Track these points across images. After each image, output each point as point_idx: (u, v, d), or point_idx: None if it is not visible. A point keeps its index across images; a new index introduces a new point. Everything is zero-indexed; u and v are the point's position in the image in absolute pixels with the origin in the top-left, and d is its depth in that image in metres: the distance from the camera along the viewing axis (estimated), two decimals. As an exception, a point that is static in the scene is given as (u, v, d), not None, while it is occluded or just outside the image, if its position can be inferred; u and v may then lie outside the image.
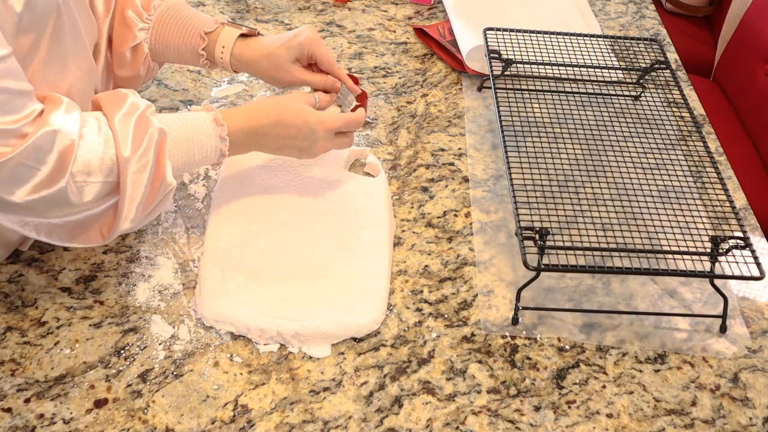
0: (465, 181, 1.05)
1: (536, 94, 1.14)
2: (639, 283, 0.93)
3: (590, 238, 0.87)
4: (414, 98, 1.20)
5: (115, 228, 0.74)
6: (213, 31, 0.93)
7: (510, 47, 1.16)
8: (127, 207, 0.73)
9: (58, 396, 0.75)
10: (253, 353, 0.81)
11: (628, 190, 0.96)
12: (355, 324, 0.83)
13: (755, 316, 0.91)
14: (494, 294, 0.90)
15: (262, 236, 0.91)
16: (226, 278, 0.85)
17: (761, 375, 0.85)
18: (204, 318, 0.83)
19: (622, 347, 0.86)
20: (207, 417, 0.75)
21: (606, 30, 1.43)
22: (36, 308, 0.83)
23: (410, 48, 1.32)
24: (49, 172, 0.68)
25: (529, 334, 0.86)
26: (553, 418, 0.78)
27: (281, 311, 0.83)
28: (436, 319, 0.87)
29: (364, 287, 0.87)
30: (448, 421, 0.77)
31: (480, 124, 1.16)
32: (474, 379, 0.81)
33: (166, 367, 0.79)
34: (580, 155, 1.01)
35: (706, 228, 0.91)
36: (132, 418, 0.74)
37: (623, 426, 0.78)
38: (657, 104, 1.14)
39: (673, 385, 0.83)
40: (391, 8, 1.42)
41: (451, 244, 0.96)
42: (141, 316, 0.83)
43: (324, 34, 1.33)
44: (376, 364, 0.81)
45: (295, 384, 0.79)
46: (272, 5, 1.40)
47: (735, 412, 0.81)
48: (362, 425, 0.76)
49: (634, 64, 1.25)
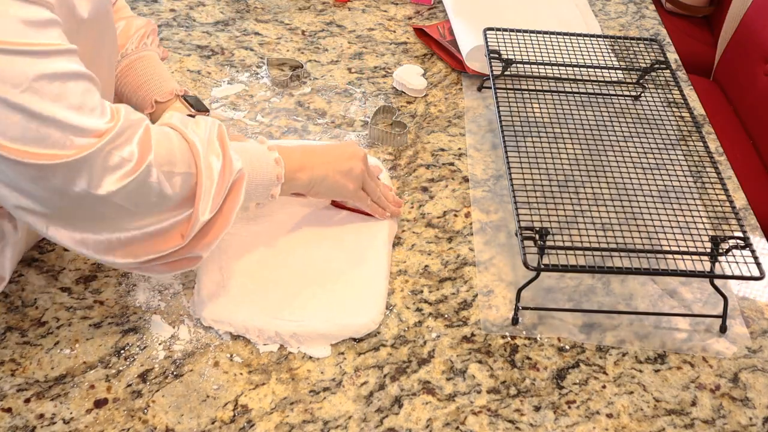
0: (465, 181, 1.05)
1: (536, 94, 1.14)
2: (639, 283, 0.93)
3: (590, 238, 0.87)
4: (414, 98, 1.20)
5: (195, 222, 0.71)
6: (164, 102, 0.94)
7: (510, 47, 1.16)
8: (204, 193, 0.71)
9: (58, 396, 0.75)
10: (253, 353, 0.81)
11: (628, 190, 0.96)
12: (353, 324, 0.83)
13: (755, 316, 0.91)
14: (494, 294, 0.90)
15: (261, 237, 0.91)
16: (224, 278, 0.85)
17: (761, 375, 0.85)
18: (202, 318, 0.83)
19: (622, 347, 0.86)
20: (207, 417, 0.75)
21: (606, 30, 1.43)
22: (36, 308, 0.83)
23: (410, 48, 1.32)
24: (136, 160, 0.66)
25: (529, 334, 0.86)
26: (553, 418, 0.78)
27: (279, 311, 0.83)
28: (436, 319, 0.87)
29: (363, 287, 0.87)
30: (448, 421, 0.77)
31: (480, 124, 1.16)
32: (474, 379, 0.81)
33: (166, 367, 0.79)
34: (580, 155, 1.01)
35: (706, 228, 0.91)
36: (132, 418, 0.74)
37: (623, 426, 0.78)
38: (657, 104, 1.14)
39: (673, 385, 0.83)
40: (391, 8, 1.42)
41: (451, 244, 0.96)
42: (141, 316, 0.83)
43: (324, 34, 1.33)
44: (376, 364, 0.81)
45: (295, 384, 0.79)
46: (272, 5, 1.40)
47: (735, 412, 0.81)
48: (362, 425, 0.76)
49: (634, 64, 1.25)
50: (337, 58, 1.27)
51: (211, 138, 0.74)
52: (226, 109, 1.14)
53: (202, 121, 0.76)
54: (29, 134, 0.60)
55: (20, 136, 0.60)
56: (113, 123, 0.65)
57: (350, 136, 1.10)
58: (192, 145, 0.72)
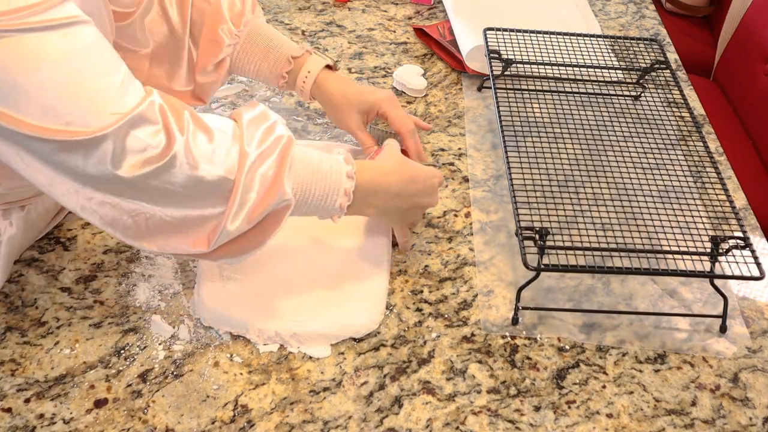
0: (465, 181, 1.05)
1: (536, 94, 1.14)
2: (639, 283, 0.93)
3: (590, 238, 0.87)
4: (414, 98, 1.20)
5: (222, 229, 0.69)
6: (300, 57, 0.95)
7: (510, 47, 1.16)
8: (238, 204, 0.68)
9: (58, 396, 0.75)
10: (253, 353, 0.81)
11: (628, 190, 0.96)
12: (353, 324, 0.83)
13: (755, 316, 0.91)
14: (494, 294, 0.90)
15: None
16: (224, 278, 0.85)
17: (761, 375, 0.85)
18: (202, 318, 0.83)
19: (622, 347, 0.86)
20: (207, 417, 0.75)
21: (606, 30, 1.43)
22: (36, 308, 0.83)
23: (410, 48, 1.32)
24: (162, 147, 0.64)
25: (529, 334, 0.86)
26: (553, 418, 0.78)
27: (279, 311, 0.83)
28: (436, 319, 0.87)
29: (363, 287, 0.87)
30: (448, 421, 0.77)
31: (480, 124, 1.16)
32: (474, 379, 0.81)
33: (166, 367, 0.79)
34: (580, 155, 1.01)
35: (706, 228, 0.91)
36: (132, 418, 0.74)
37: (623, 426, 0.78)
38: (657, 104, 1.14)
39: (673, 385, 0.83)
40: (391, 8, 1.42)
41: (451, 244, 0.96)
42: (141, 316, 0.83)
43: (324, 34, 1.33)
44: (376, 364, 0.81)
45: (295, 384, 0.79)
46: (272, 5, 1.40)
47: (735, 412, 0.81)
48: (362, 425, 0.76)
49: (634, 64, 1.25)
50: (337, 58, 1.27)
51: (269, 152, 0.71)
52: (226, 108, 1.14)
53: (275, 129, 0.73)
54: (50, 112, 0.59)
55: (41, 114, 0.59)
56: (138, 104, 0.63)
57: (350, 137, 1.10)
58: (242, 154, 0.69)
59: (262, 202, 0.70)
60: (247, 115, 0.73)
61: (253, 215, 0.70)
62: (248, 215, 0.69)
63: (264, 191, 0.70)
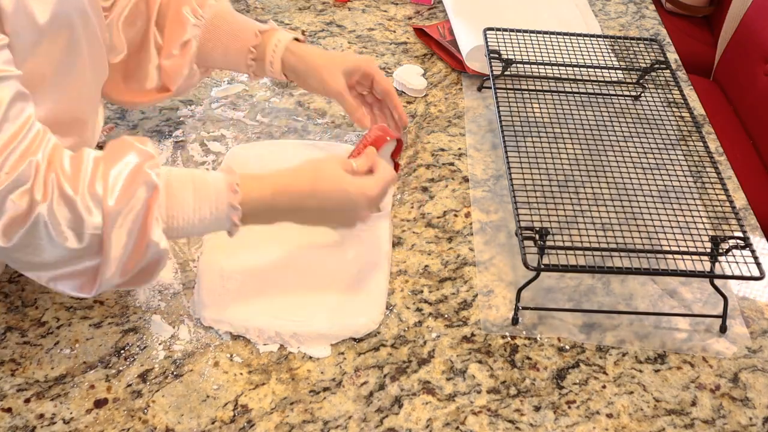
0: (465, 181, 1.05)
1: (536, 94, 1.14)
2: (639, 283, 0.93)
3: (590, 238, 0.87)
4: (414, 98, 1.20)
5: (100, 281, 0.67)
6: (267, 30, 0.94)
7: (510, 47, 1.16)
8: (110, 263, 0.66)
9: (58, 396, 0.75)
10: (253, 353, 0.81)
11: (628, 190, 0.96)
12: (353, 324, 0.83)
13: (755, 316, 0.91)
14: (494, 294, 0.90)
15: (261, 236, 0.90)
16: (224, 278, 0.85)
17: (761, 375, 0.85)
18: (202, 318, 0.83)
19: (622, 347, 0.86)
20: (207, 417, 0.75)
21: (606, 30, 1.43)
22: (36, 308, 0.83)
23: (410, 48, 1.32)
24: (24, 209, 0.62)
25: (529, 334, 0.86)
26: (553, 418, 0.78)
27: (279, 311, 0.83)
28: (436, 319, 0.87)
29: (363, 287, 0.87)
30: (448, 421, 0.77)
31: (480, 124, 1.16)
32: (474, 379, 0.81)
33: (166, 367, 0.79)
34: (580, 155, 1.01)
35: (706, 228, 0.91)
36: (132, 418, 0.74)
37: (623, 426, 0.78)
38: (657, 104, 1.14)
39: (673, 385, 0.83)
40: (391, 8, 1.42)
41: (451, 244, 0.96)
42: (141, 316, 0.83)
43: (324, 34, 1.33)
44: (376, 364, 0.81)
45: (295, 384, 0.79)
46: (272, 5, 1.40)
47: (735, 412, 0.81)
48: (362, 425, 0.76)
49: (634, 64, 1.25)
50: (337, 58, 1.27)
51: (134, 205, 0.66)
52: (226, 108, 1.14)
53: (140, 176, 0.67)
54: None
55: None
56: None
57: (350, 137, 1.10)
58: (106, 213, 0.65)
59: (133, 256, 0.67)
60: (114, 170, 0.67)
61: (127, 269, 0.68)
62: (122, 271, 0.68)
63: (133, 246, 0.67)
